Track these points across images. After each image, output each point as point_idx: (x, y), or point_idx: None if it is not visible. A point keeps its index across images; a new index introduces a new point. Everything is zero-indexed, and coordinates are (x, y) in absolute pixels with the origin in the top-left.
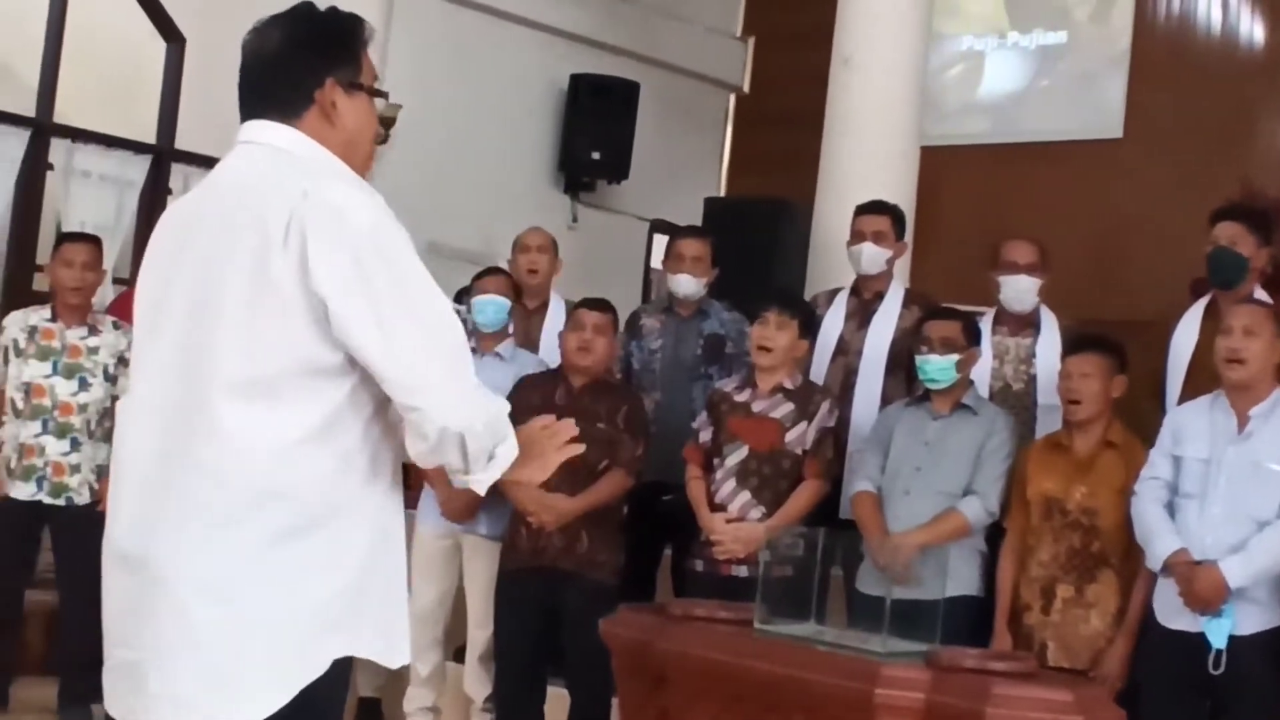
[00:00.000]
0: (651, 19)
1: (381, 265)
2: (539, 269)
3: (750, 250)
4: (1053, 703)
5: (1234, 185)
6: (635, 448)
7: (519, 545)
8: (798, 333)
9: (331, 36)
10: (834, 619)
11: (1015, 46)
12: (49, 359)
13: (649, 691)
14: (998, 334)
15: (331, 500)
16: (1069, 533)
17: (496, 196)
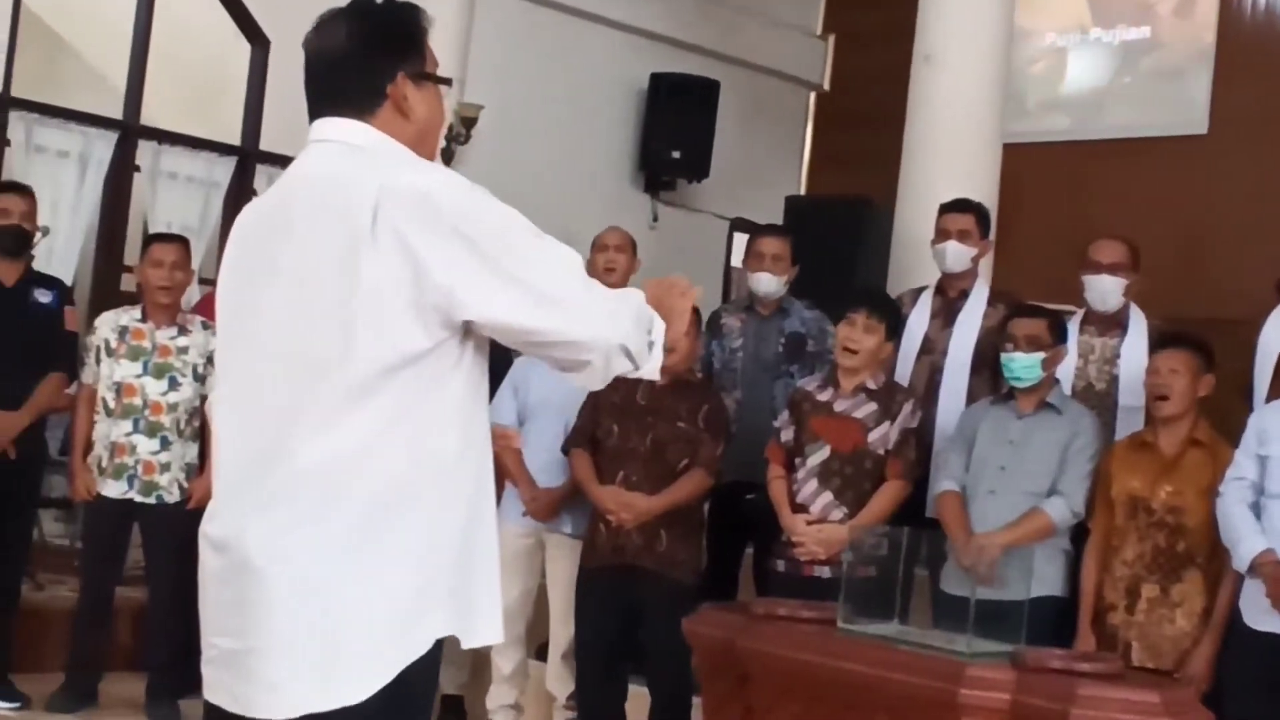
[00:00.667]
0: (732, 18)
1: (482, 231)
2: (617, 268)
3: (832, 248)
4: (1139, 704)
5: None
6: (715, 447)
7: (598, 543)
8: (884, 335)
9: (397, 30)
10: (918, 619)
11: (1098, 42)
12: (139, 359)
13: (732, 690)
14: (1084, 333)
15: (423, 484)
16: (1154, 532)
17: (577, 196)
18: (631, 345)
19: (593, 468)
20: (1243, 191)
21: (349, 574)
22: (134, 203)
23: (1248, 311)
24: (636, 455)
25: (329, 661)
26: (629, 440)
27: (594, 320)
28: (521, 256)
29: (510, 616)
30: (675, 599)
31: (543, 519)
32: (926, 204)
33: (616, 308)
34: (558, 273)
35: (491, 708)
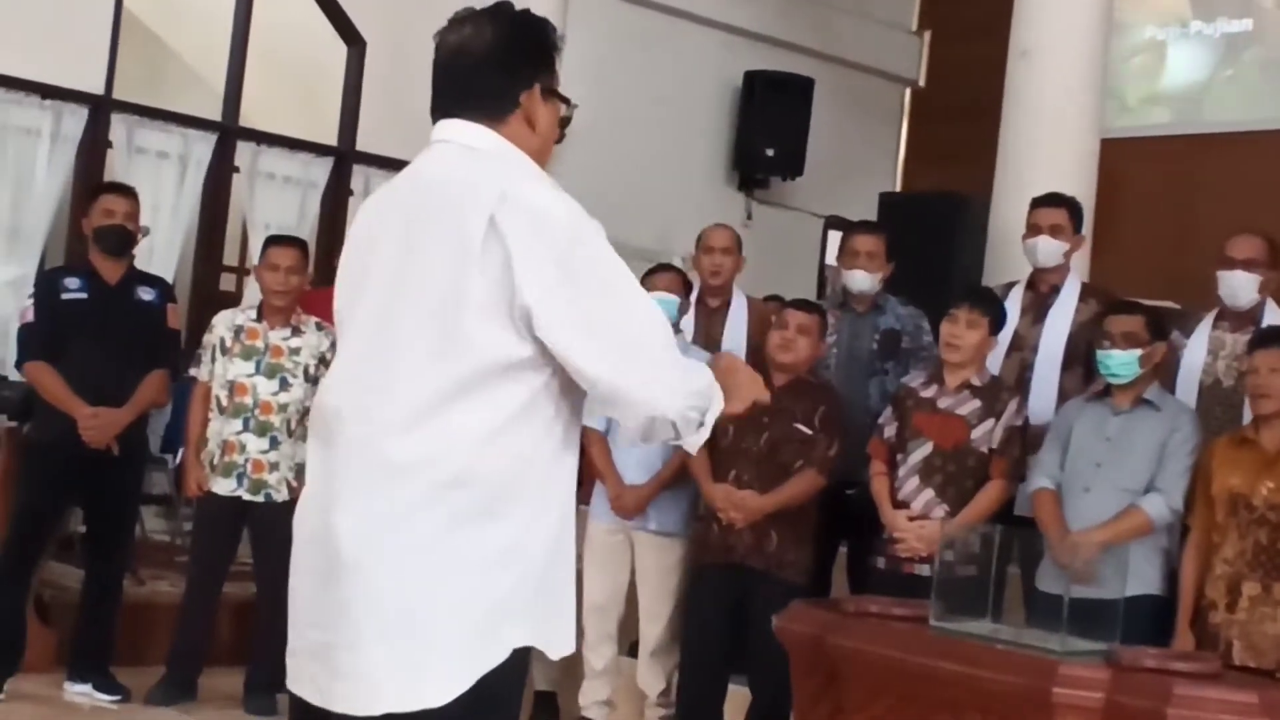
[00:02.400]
0: (825, 14)
1: (584, 267)
2: (722, 270)
3: (927, 245)
4: (1237, 704)
5: None
6: (829, 447)
7: (710, 541)
8: (988, 330)
9: (540, 41)
10: (1011, 617)
11: (1199, 35)
12: (252, 358)
13: (822, 687)
14: (1218, 329)
15: (519, 488)
16: (1255, 529)
17: (672, 194)
18: (680, 422)
19: (708, 464)
20: None
21: (440, 575)
22: (233, 203)
23: None
24: (750, 455)
25: (414, 662)
26: (743, 439)
27: (654, 389)
28: (611, 305)
29: (601, 613)
30: (784, 600)
31: (629, 516)
32: (1022, 200)
33: (680, 383)
34: (639, 333)
35: (584, 704)
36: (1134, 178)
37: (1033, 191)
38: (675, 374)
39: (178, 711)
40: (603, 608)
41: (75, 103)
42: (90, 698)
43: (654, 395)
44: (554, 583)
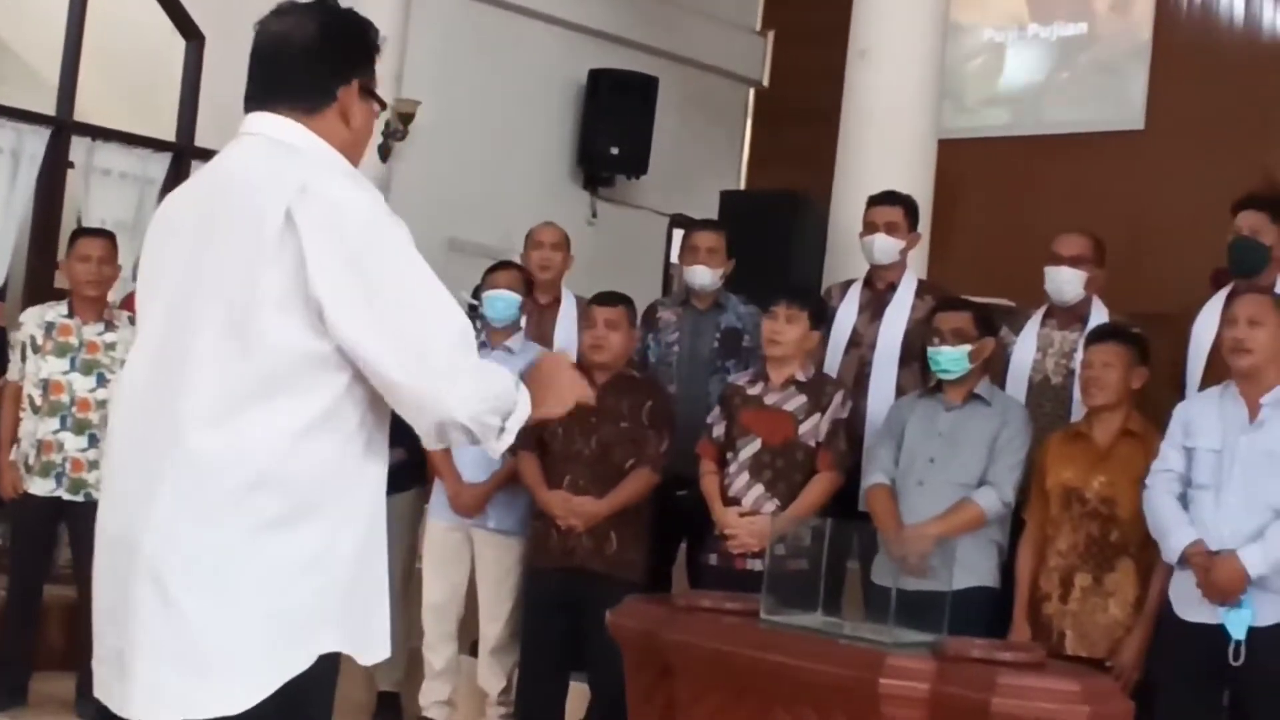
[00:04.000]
0: (670, 14)
1: (379, 265)
2: (551, 266)
3: (768, 244)
4: (1059, 693)
5: (1256, 176)
6: (660, 443)
7: (549, 546)
8: (808, 324)
9: (361, 39)
10: (851, 611)
11: (1035, 38)
12: (66, 355)
13: (655, 681)
14: (1046, 326)
15: (326, 491)
16: (1087, 522)
17: (516, 192)
18: (474, 427)
19: (540, 471)
20: (1180, 187)
21: (242, 581)
22: (68, 199)
23: (1183, 304)
24: (582, 458)
25: (211, 669)
26: (574, 443)
27: (444, 393)
28: (404, 305)
29: (440, 612)
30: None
31: (468, 515)
32: (861, 199)
33: (474, 388)
34: (431, 335)
35: (424, 704)
36: (972, 178)
37: (871, 190)
38: (468, 378)
39: (8, 717)
40: (441, 607)
41: None
42: None
43: (443, 399)
44: (364, 589)
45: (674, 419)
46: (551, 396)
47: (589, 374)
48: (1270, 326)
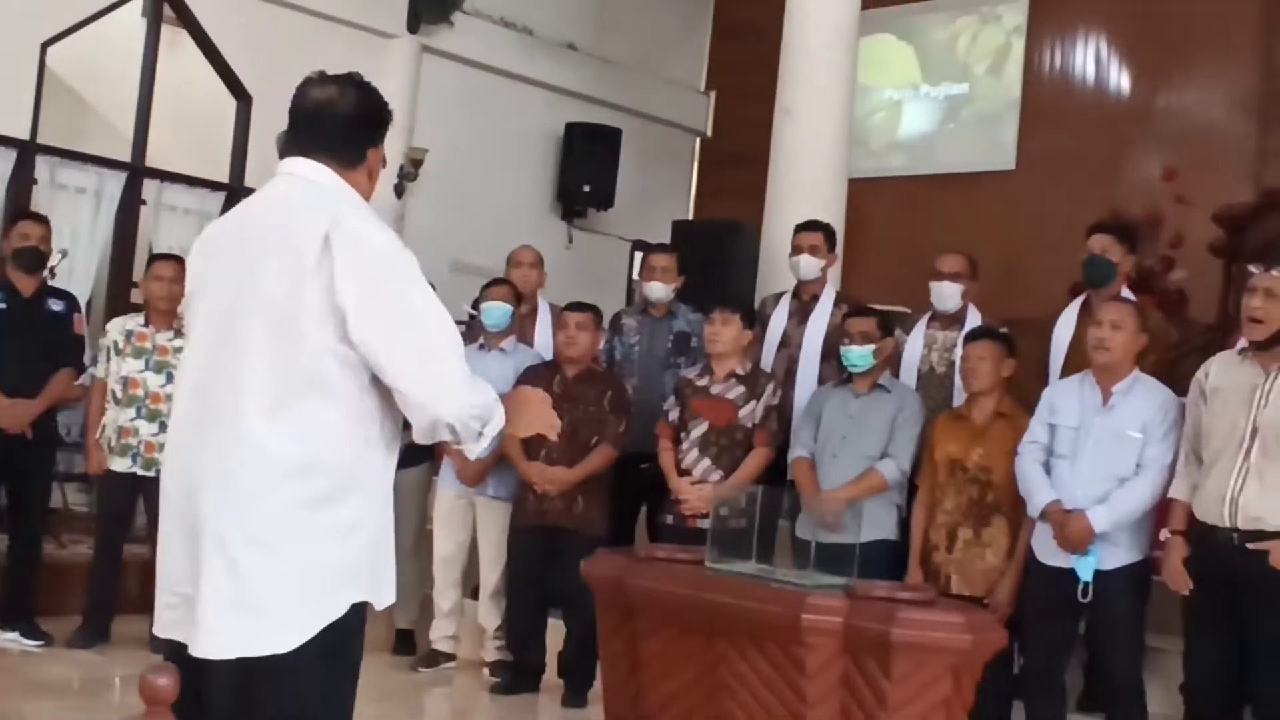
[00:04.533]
0: (631, 76)
1: (393, 288)
2: (529, 281)
3: (712, 263)
4: (947, 624)
5: (1106, 207)
6: (619, 424)
7: (527, 507)
8: (741, 326)
9: (385, 111)
10: (781, 562)
11: (927, 96)
12: (142, 357)
13: (621, 619)
14: (931, 328)
15: (357, 472)
16: (968, 487)
17: (507, 222)
18: (459, 428)
19: (521, 448)
20: (1044, 216)
21: (292, 546)
22: (141, 231)
23: (1048, 311)
24: None
25: (261, 614)
26: None
27: (439, 396)
28: (412, 322)
29: (448, 564)
30: (589, 550)
31: (472, 484)
32: (787, 227)
33: (464, 395)
34: (433, 348)
35: (434, 639)
36: (877, 210)
37: (796, 220)
38: (461, 387)
39: (94, 653)
40: (449, 560)
41: (5, 146)
42: (18, 643)
43: (438, 401)
44: (382, 551)
45: (630, 405)
46: (522, 421)
47: (562, 368)
48: (1127, 331)
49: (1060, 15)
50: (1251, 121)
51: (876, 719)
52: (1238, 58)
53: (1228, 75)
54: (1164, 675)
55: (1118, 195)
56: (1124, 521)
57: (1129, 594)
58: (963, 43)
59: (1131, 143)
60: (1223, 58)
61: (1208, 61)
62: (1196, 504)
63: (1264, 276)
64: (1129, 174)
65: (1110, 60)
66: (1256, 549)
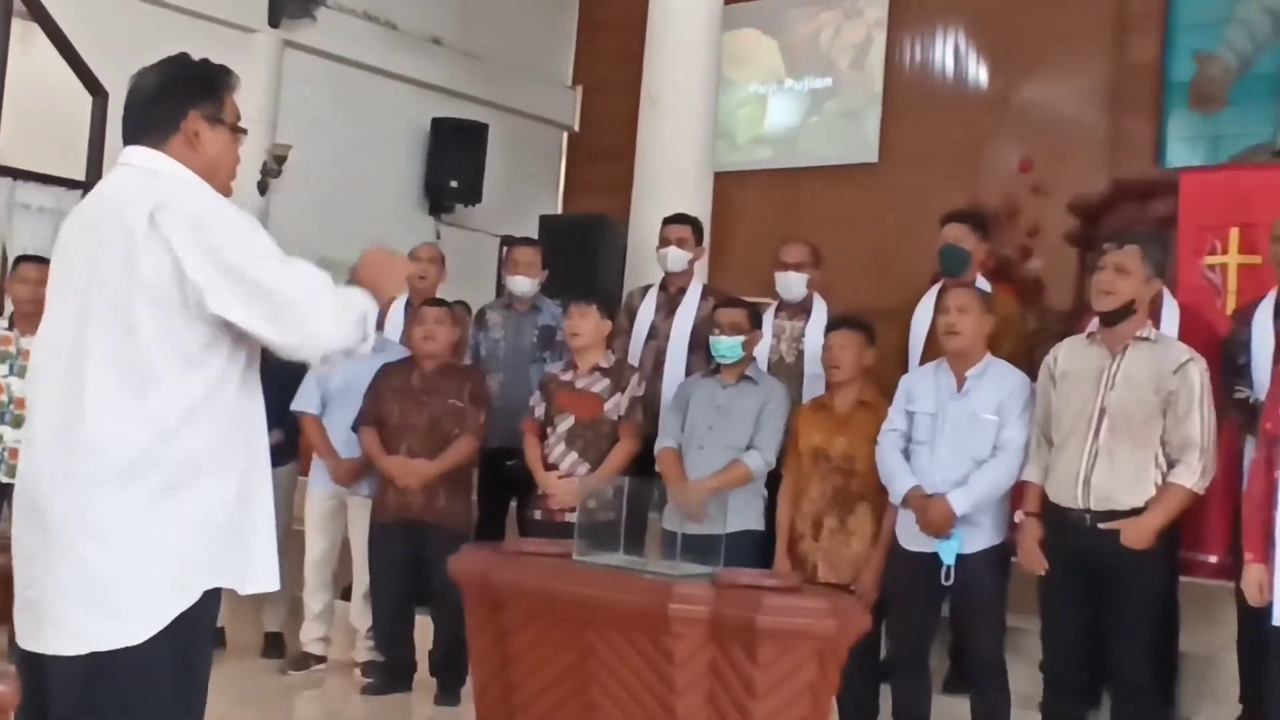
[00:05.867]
0: (498, 72)
1: (233, 251)
2: (428, 277)
3: (579, 257)
4: (812, 610)
5: (966, 198)
6: (479, 416)
7: (388, 503)
8: (599, 316)
9: (197, 78)
10: (649, 552)
11: (791, 90)
12: (6, 362)
13: (489, 615)
14: (778, 318)
15: (201, 464)
16: (833, 475)
17: (374, 218)
18: (351, 343)
19: (379, 442)
20: (906, 207)
21: (136, 541)
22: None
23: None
24: (416, 430)
25: (110, 609)
26: (409, 418)
27: (318, 335)
28: (264, 276)
29: (319, 565)
30: (453, 545)
31: (344, 484)
32: (655, 221)
33: (338, 320)
34: (293, 293)
35: (305, 641)
36: (743, 202)
37: (662, 213)
38: (332, 315)
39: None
40: (320, 561)
41: None
42: None
43: (319, 339)
44: (241, 534)
45: (490, 398)
46: (384, 282)
47: (420, 363)
48: (974, 314)
49: (920, 10)
50: (1104, 114)
51: (744, 705)
52: (1091, 53)
53: (1081, 70)
54: (1025, 654)
55: (977, 186)
56: (983, 503)
57: (990, 576)
58: (825, 37)
59: (990, 135)
60: (1077, 53)
61: (1062, 56)
62: (1049, 486)
63: (1115, 253)
64: (988, 165)
65: (969, 55)
66: (1108, 529)
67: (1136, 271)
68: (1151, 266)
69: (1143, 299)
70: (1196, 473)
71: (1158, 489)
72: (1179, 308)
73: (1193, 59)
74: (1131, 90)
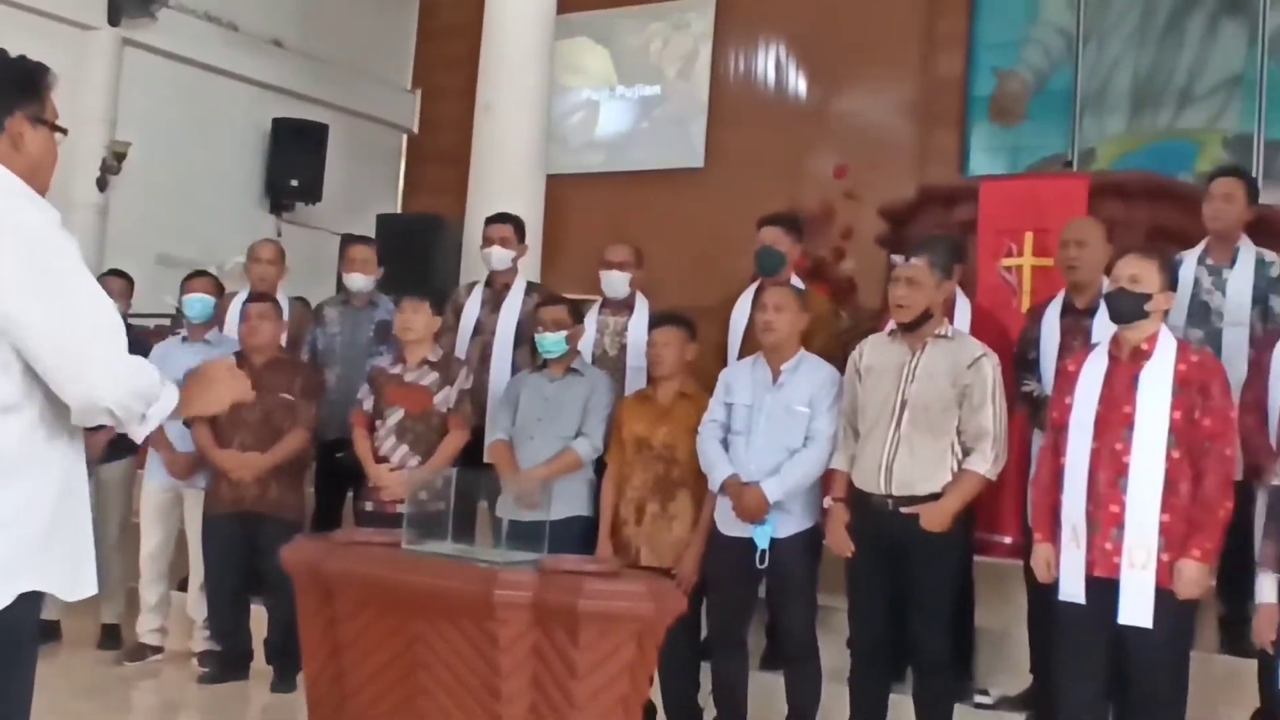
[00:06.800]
0: (338, 74)
1: (46, 271)
2: (268, 276)
3: (415, 255)
4: (631, 593)
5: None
6: (310, 409)
7: (221, 495)
8: (430, 312)
9: (18, 77)
10: (480, 541)
11: (622, 97)
12: None
13: (320, 604)
14: (602, 314)
15: (17, 464)
16: (655, 463)
17: (215, 216)
18: (118, 411)
19: (211, 435)
20: (731, 211)
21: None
22: None
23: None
24: (249, 424)
25: None
26: (241, 412)
27: (96, 380)
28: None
29: (155, 557)
30: (286, 535)
31: (180, 478)
32: None
33: (123, 379)
34: (90, 331)
35: (141, 632)
36: (576, 205)
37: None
38: (119, 371)
39: None
40: (156, 553)
41: None
42: None
43: (94, 385)
44: (63, 539)
45: (321, 391)
46: (208, 395)
47: (250, 357)
48: (790, 312)
49: (744, 23)
50: (913, 125)
51: (566, 686)
52: (901, 69)
53: (893, 84)
54: (835, 631)
55: (796, 191)
56: (795, 490)
57: (802, 558)
58: (655, 47)
59: (808, 143)
60: (888, 68)
61: (875, 71)
62: (855, 473)
63: (905, 267)
64: (806, 172)
65: (789, 66)
66: (909, 513)
67: (926, 282)
68: (940, 272)
69: (936, 303)
70: (989, 460)
71: (954, 475)
72: (971, 307)
73: (994, 75)
74: (938, 104)
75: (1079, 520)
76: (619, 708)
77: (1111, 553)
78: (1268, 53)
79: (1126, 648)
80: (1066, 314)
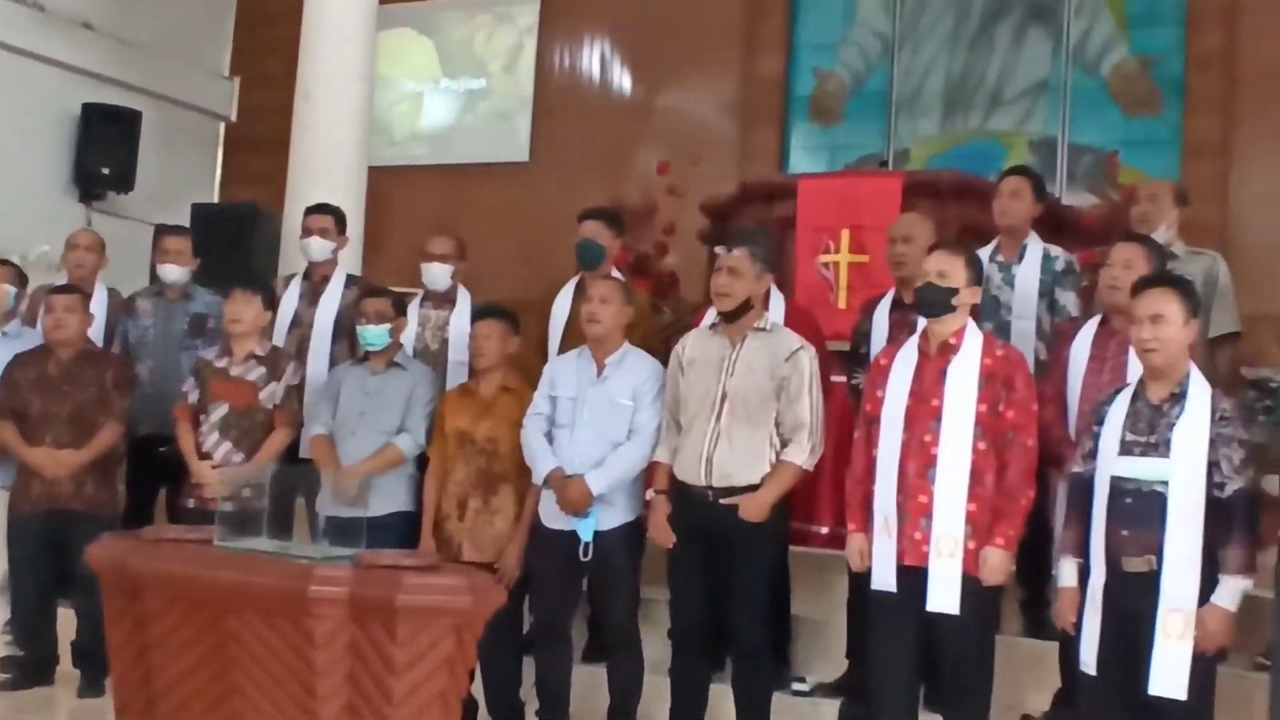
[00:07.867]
0: (152, 59)
1: None
2: (85, 265)
3: (232, 246)
4: (449, 587)
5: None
6: (123, 401)
7: (31, 493)
8: (261, 306)
9: None
10: (299, 538)
11: (447, 89)
12: None
13: (127, 603)
14: (424, 307)
15: None
16: (477, 458)
17: (20, 204)
18: None
19: (18, 434)
20: (555, 205)
21: None
22: None
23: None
24: (59, 419)
25: None
26: (50, 408)
27: None
28: None
29: None
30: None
31: None
32: None
33: None
34: None
35: None
36: (400, 197)
37: None
38: None
39: None
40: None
41: None
42: None
43: None
44: None
45: (133, 383)
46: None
47: (56, 351)
48: (615, 305)
49: (569, 19)
50: (735, 123)
51: (383, 682)
52: (724, 68)
53: (715, 82)
54: (656, 623)
55: (620, 186)
56: (619, 483)
57: (625, 551)
58: (479, 40)
59: (633, 138)
60: (711, 67)
61: (698, 70)
62: (677, 465)
63: (727, 256)
64: (630, 167)
65: (614, 62)
66: (728, 504)
67: (748, 272)
68: (761, 265)
69: (756, 295)
70: (806, 451)
71: (772, 466)
72: (785, 301)
73: (814, 75)
74: (759, 102)
75: (890, 510)
76: (437, 703)
77: (921, 542)
78: (1071, 60)
79: (936, 634)
80: (895, 309)
